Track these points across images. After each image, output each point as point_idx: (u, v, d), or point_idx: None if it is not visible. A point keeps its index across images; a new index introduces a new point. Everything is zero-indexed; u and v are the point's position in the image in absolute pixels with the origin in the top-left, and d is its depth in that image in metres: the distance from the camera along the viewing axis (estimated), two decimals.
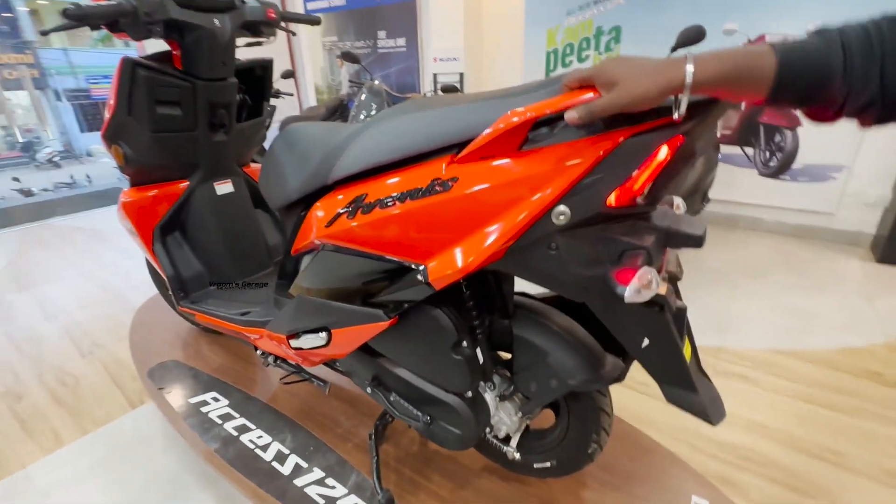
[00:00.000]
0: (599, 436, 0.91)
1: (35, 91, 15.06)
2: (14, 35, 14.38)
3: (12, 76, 14.55)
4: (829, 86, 0.49)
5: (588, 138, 0.61)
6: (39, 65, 15.24)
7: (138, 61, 1.11)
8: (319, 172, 0.85)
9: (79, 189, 8.30)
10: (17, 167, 13.26)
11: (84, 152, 15.73)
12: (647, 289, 0.59)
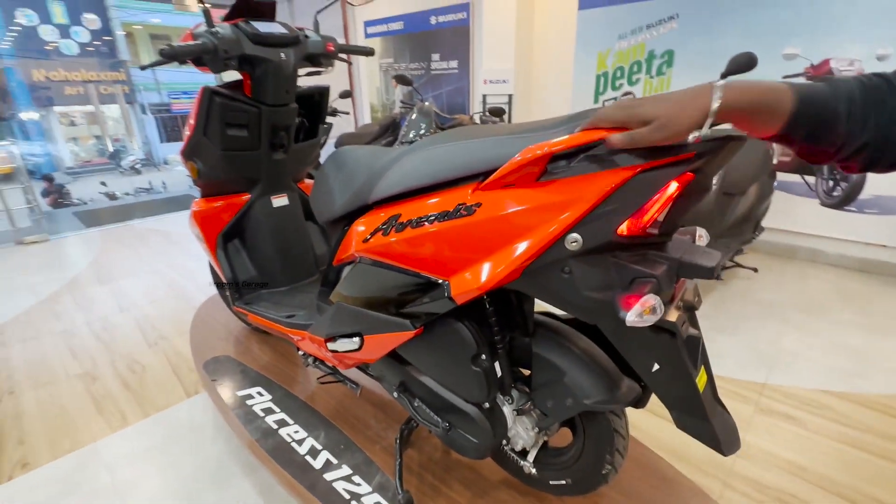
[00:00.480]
0: (613, 457, 0.93)
1: (125, 105, 16.68)
2: (111, 55, 16.09)
3: (107, 91, 16.21)
4: (835, 128, 0.54)
5: (601, 172, 0.67)
6: (130, 82, 16.89)
7: (215, 90, 1.28)
8: (362, 193, 0.95)
9: (155, 194, 9.11)
10: (104, 173, 14.69)
11: (162, 160, 17.16)
12: (650, 314, 0.63)
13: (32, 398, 1.98)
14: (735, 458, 1.58)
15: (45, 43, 14.74)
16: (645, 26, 3.61)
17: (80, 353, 2.32)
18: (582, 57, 4.03)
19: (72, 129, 16.73)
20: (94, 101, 16.03)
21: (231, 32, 1.21)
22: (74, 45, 15.42)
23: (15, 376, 2.14)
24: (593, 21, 3.88)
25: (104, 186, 9.47)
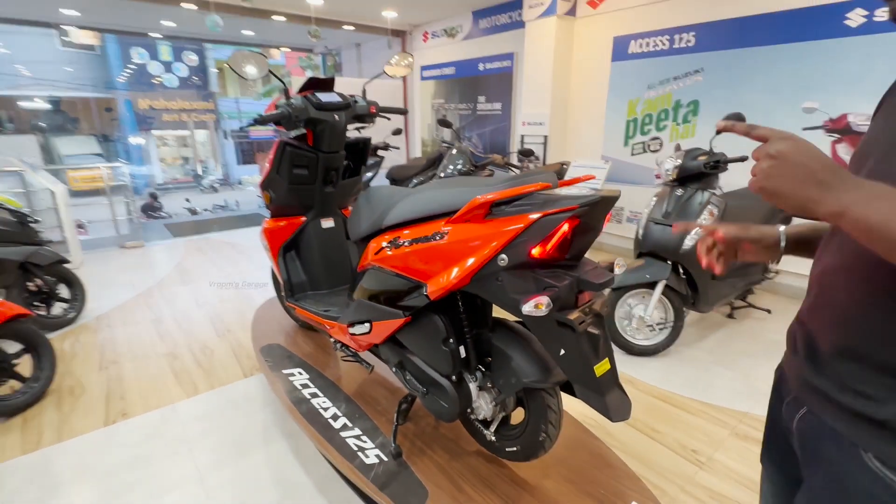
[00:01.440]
0: (548, 428, 1.23)
1: (213, 131, 18.70)
2: (204, 88, 18.22)
3: (197, 119, 18.29)
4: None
5: (522, 215, 1.02)
6: (217, 110, 18.94)
7: (287, 142, 1.75)
8: (378, 220, 1.35)
9: (229, 211, 10.21)
10: (187, 190, 16.44)
11: (237, 181, 18.91)
12: (540, 309, 0.96)
13: (130, 367, 2.52)
14: (697, 470, 1.78)
15: (151, 77, 16.99)
16: (672, 78, 3.88)
17: (166, 337, 2.88)
18: (614, 104, 4.34)
19: (164, 150, 18.91)
20: (189, 127, 18.12)
21: (301, 102, 1.69)
22: (175, 79, 17.64)
23: (118, 350, 2.71)
24: (625, 72, 4.20)
25: (188, 202, 10.72)
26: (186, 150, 18.87)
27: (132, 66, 16.44)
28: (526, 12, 4.57)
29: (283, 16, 5.56)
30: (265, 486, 1.69)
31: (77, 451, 1.87)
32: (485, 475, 1.38)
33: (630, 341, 2.61)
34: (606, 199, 0.99)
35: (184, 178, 18.71)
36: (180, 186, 17.75)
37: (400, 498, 1.29)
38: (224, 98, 19.47)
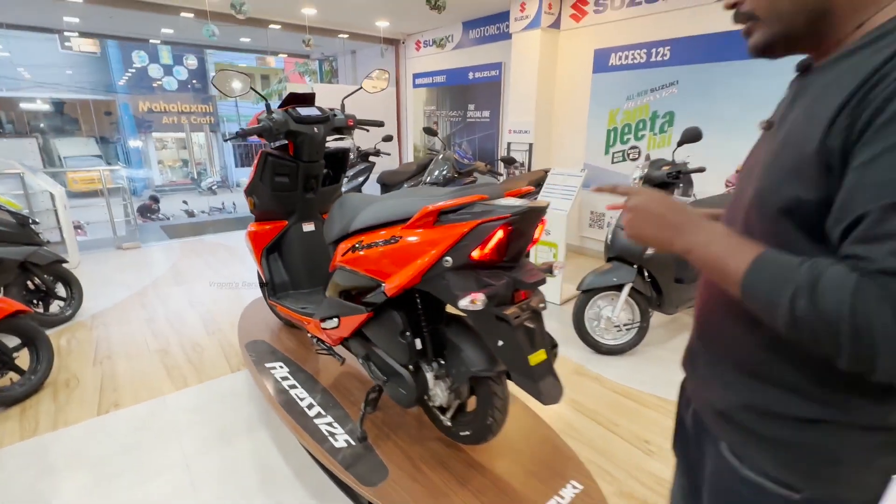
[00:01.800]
0: (494, 412, 1.37)
1: (210, 133, 18.87)
2: (203, 91, 18.41)
3: (196, 122, 18.45)
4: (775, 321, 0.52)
5: (463, 223, 1.17)
6: (216, 113, 19.11)
7: (269, 152, 1.90)
8: (347, 225, 1.50)
9: (226, 214, 10.35)
10: (186, 192, 16.58)
11: (235, 183, 19.07)
12: (474, 304, 1.10)
13: (124, 363, 2.65)
14: (647, 458, 1.92)
15: (151, 80, 17.17)
16: (649, 90, 4.05)
17: (159, 335, 3.01)
18: (595, 113, 4.50)
19: (163, 152, 19.07)
20: (188, 130, 18.28)
21: (282, 116, 1.84)
22: (175, 81, 17.83)
23: (112, 347, 2.85)
24: (606, 83, 4.37)
25: (185, 204, 10.87)
26: (185, 152, 19.05)
27: (132, 69, 16.60)
28: (512, 24, 4.73)
29: (279, 24, 5.73)
30: (247, 472, 1.82)
31: (71, 439, 2.01)
32: (442, 457, 1.52)
33: (599, 341, 2.75)
34: (535, 210, 1.14)
35: (182, 180, 18.87)
36: (178, 188, 17.92)
37: (363, 477, 1.43)
38: (223, 101, 19.69)
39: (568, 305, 3.46)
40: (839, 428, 0.57)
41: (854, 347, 0.46)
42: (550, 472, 1.45)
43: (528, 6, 4.53)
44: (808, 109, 0.55)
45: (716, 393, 0.68)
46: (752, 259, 0.53)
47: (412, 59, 6.77)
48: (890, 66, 0.47)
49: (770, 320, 0.53)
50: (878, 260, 0.45)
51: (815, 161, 0.51)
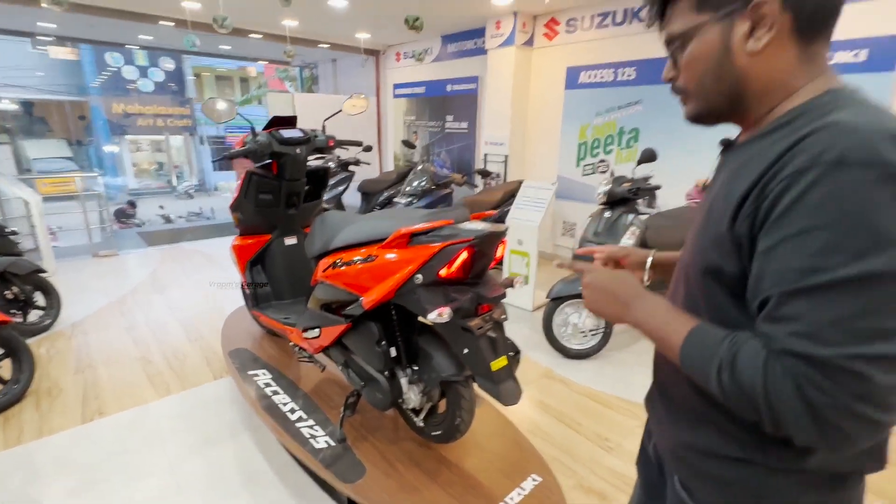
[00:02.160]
0: (462, 413, 1.52)
1: (188, 136, 18.59)
2: (181, 94, 18.14)
3: (172, 124, 18.17)
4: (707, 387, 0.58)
5: (431, 245, 1.31)
6: (193, 116, 18.84)
7: (254, 171, 2.02)
8: (327, 243, 1.63)
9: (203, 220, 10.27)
10: (162, 196, 16.30)
11: (213, 187, 18.81)
12: (440, 317, 1.25)
13: (105, 371, 2.71)
14: (606, 454, 2.09)
15: (126, 82, 16.85)
16: (617, 107, 4.28)
17: (140, 343, 3.06)
18: (567, 128, 4.72)
19: (138, 155, 18.69)
20: (165, 132, 17.99)
21: (266, 139, 1.96)
22: (151, 83, 17.52)
23: (92, 355, 2.89)
24: (577, 99, 4.59)
25: (162, 209, 10.73)
26: (161, 155, 18.72)
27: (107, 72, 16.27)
28: (488, 41, 4.92)
29: (260, 34, 5.80)
30: (231, 474, 1.92)
31: (56, 446, 2.07)
32: (415, 455, 1.66)
33: (566, 346, 2.93)
34: (495, 234, 1.29)
35: (158, 183, 18.53)
36: (155, 192, 17.58)
37: (341, 475, 1.55)
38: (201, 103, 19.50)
39: (539, 311, 3.64)
40: (763, 468, 0.62)
41: (769, 416, 0.52)
42: (513, 467, 1.60)
43: (503, 24, 4.72)
44: (724, 187, 0.62)
45: (669, 434, 0.75)
46: (685, 335, 0.60)
47: (392, 69, 6.91)
48: (784, 161, 0.52)
49: (706, 388, 0.59)
50: (780, 340, 0.51)
51: (728, 239, 0.58)
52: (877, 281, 0.47)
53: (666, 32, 0.67)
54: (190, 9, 4.62)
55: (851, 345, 0.47)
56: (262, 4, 4.55)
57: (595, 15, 4.29)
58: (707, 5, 0.60)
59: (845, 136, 0.49)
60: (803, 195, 0.49)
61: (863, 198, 0.47)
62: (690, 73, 0.65)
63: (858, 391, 0.47)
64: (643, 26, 3.75)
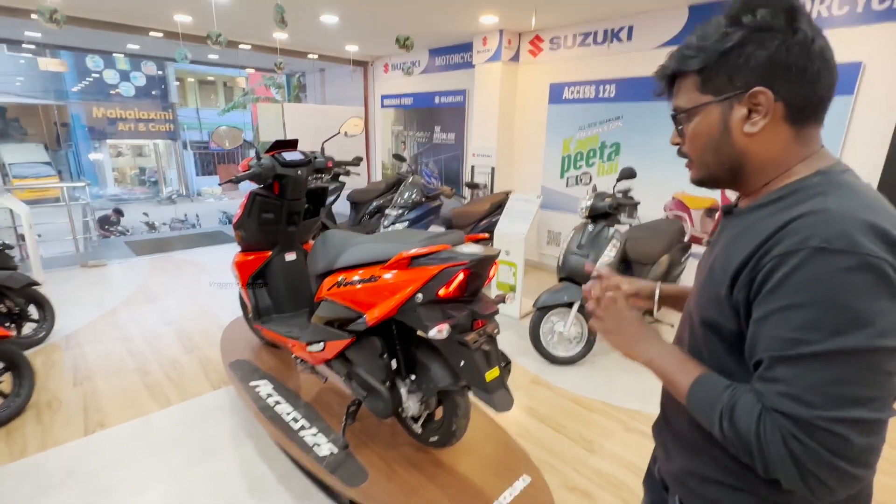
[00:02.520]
0: (458, 420, 1.65)
1: (169, 141, 18.38)
2: (164, 98, 17.96)
3: (155, 129, 17.95)
4: (710, 429, 0.65)
5: (432, 266, 1.44)
6: (176, 120, 18.65)
7: (257, 192, 2.12)
8: (331, 262, 1.75)
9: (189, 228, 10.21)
10: (144, 202, 16.09)
11: (196, 192, 18.62)
12: (440, 333, 1.37)
13: (104, 383, 2.76)
14: (589, 455, 2.24)
15: (108, 86, 16.61)
16: (598, 122, 4.48)
17: (136, 354, 3.12)
18: (551, 141, 4.91)
19: (120, 160, 18.40)
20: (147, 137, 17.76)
21: (269, 162, 2.07)
22: (132, 88, 17.30)
23: (90, 367, 2.93)
24: (560, 114, 4.78)
25: (146, 216, 10.63)
26: (143, 160, 18.47)
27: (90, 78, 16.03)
28: (475, 56, 5.09)
29: (249, 45, 5.87)
30: (235, 482, 2.01)
31: (61, 458, 2.12)
32: (413, 459, 1.78)
33: (552, 353, 3.08)
34: (489, 257, 1.43)
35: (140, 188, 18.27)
36: (137, 196, 17.34)
37: (346, 479, 1.67)
38: (184, 108, 19.25)
39: (526, 319, 3.79)
40: (755, 497, 0.69)
41: (761, 461, 0.59)
42: (505, 469, 1.73)
43: (489, 40, 4.90)
44: (725, 250, 0.68)
45: (673, 459, 0.83)
46: (692, 381, 0.67)
47: (380, 80, 7.03)
48: (776, 239, 0.59)
49: (709, 429, 0.66)
50: (770, 399, 0.58)
51: (727, 302, 0.65)
52: (850, 356, 0.54)
53: (673, 105, 0.74)
54: (181, 22, 4.67)
55: (830, 409, 0.54)
56: (254, 18, 4.64)
57: (577, 34, 4.49)
58: (710, 88, 0.67)
59: (828, 225, 0.56)
60: (790, 275, 0.56)
61: (840, 282, 0.54)
62: (694, 144, 0.72)
63: (836, 449, 0.54)
64: (623, 47, 3.94)
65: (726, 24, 0.66)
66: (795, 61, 0.63)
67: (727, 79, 0.65)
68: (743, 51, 0.64)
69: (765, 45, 0.63)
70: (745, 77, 0.64)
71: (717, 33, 0.66)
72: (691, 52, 0.68)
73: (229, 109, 14.07)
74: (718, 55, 0.65)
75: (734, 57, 0.64)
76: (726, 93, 0.66)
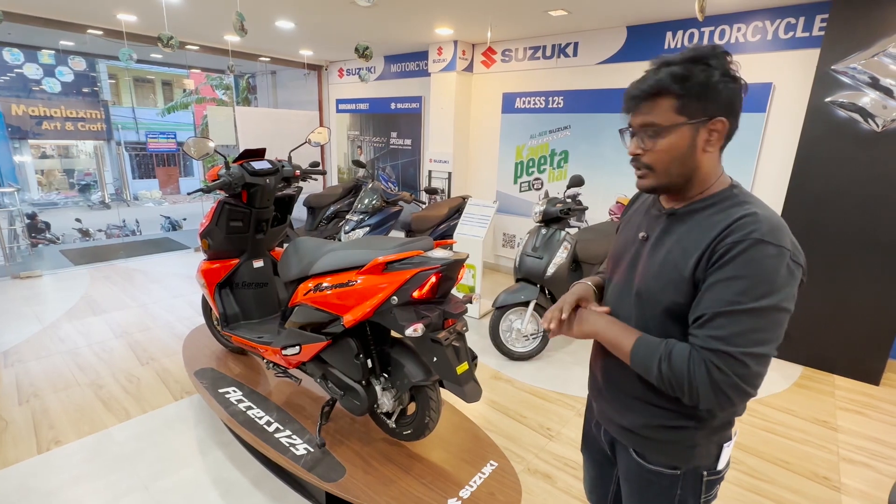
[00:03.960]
0: (430, 413, 1.77)
1: (99, 141, 17.17)
2: (93, 95, 16.76)
3: (84, 128, 16.71)
4: (650, 376, 0.86)
5: (406, 271, 1.56)
6: (108, 120, 17.45)
7: (226, 201, 2.14)
8: (306, 268, 1.82)
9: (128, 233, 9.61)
10: (75, 207, 14.93)
11: (133, 196, 17.51)
12: (416, 333, 1.49)
13: (54, 399, 2.64)
14: (548, 441, 2.43)
15: (28, 81, 15.28)
16: (548, 131, 4.76)
17: (86, 368, 2.99)
18: (505, 148, 5.14)
19: (42, 161, 16.97)
20: (73, 137, 16.47)
21: (238, 171, 2.10)
22: (58, 84, 16.01)
23: (36, 384, 2.79)
24: (513, 122, 5.02)
25: (79, 223, 9.91)
26: (70, 161, 17.13)
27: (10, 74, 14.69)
28: (431, 65, 5.24)
29: (198, 46, 5.70)
30: (207, 488, 2.02)
31: (15, 477, 2.04)
32: (388, 453, 1.88)
33: (511, 349, 3.27)
34: (458, 261, 1.57)
35: (68, 192, 16.91)
36: (66, 201, 16.04)
37: (324, 476, 1.74)
38: (118, 107, 18.06)
39: (485, 319, 3.97)
40: (691, 429, 0.92)
41: (689, 391, 0.80)
42: (474, 456, 1.87)
43: (444, 51, 5.06)
44: (678, 245, 0.87)
45: (621, 416, 1.01)
46: (633, 341, 0.88)
47: (335, 84, 7.02)
48: (727, 232, 0.80)
49: (648, 377, 0.87)
50: (704, 340, 0.79)
51: (689, 281, 0.84)
52: (764, 312, 0.77)
53: (644, 120, 0.88)
54: (126, 21, 4.49)
55: (746, 346, 0.77)
56: (205, 20, 4.53)
57: (527, 48, 4.75)
58: (685, 112, 0.83)
59: (763, 224, 0.79)
60: (737, 256, 0.78)
61: (768, 264, 0.77)
62: (663, 156, 0.87)
63: (742, 374, 0.77)
64: (569, 61, 4.22)
65: (700, 63, 0.82)
66: (737, 102, 0.84)
67: (702, 107, 0.82)
68: (717, 88, 0.81)
69: (728, 87, 0.82)
70: (713, 109, 0.82)
71: (700, 69, 0.82)
72: (679, 76, 0.82)
73: (171, 110, 13.36)
74: (699, 86, 0.81)
75: (710, 91, 0.81)
76: (698, 118, 0.83)
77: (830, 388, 3.11)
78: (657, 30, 3.95)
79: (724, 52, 0.83)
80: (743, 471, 2.26)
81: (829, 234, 3.14)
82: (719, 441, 0.95)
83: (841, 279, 3.14)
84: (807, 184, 3.19)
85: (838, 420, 2.73)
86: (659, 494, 0.98)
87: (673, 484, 0.96)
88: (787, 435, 2.57)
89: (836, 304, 3.18)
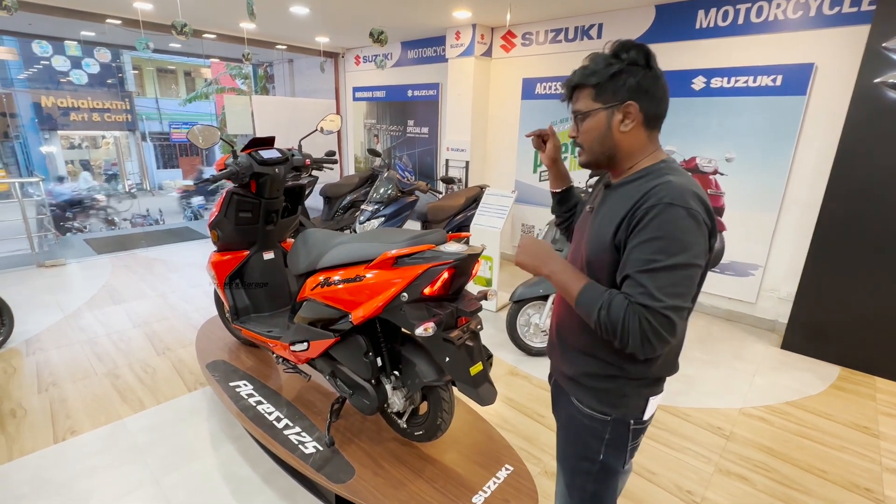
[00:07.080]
0: (443, 414, 1.69)
1: (126, 132, 17.53)
2: (119, 86, 17.07)
3: (111, 119, 17.07)
4: (590, 321, 0.95)
5: (417, 266, 1.47)
6: (133, 110, 17.79)
7: (234, 191, 2.08)
8: (314, 262, 1.74)
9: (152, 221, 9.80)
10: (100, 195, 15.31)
11: (157, 186, 17.88)
12: (428, 332, 1.41)
13: (72, 388, 2.66)
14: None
15: (57, 73, 15.64)
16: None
17: (104, 357, 3.01)
18: (524, 136, 4.97)
19: (71, 152, 17.43)
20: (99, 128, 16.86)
21: (246, 160, 2.04)
22: (84, 75, 16.36)
23: (56, 372, 2.82)
24: (533, 109, 4.85)
25: (104, 212, 10.15)
26: (98, 152, 17.55)
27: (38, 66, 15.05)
28: (448, 51, 5.09)
29: (215, 35, 5.67)
30: (217, 483, 2.00)
31: (32, 467, 2.05)
32: (399, 454, 1.81)
33: (529, 344, 3.16)
34: (472, 256, 1.47)
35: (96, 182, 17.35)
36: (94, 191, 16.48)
37: (333, 476, 1.69)
38: (143, 98, 18.36)
39: (503, 312, 3.87)
40: (624, 379, 1.04)
41: (621, 337, 0.89)
42: (488, 459, 1.79)
43: (462, 35, 4.90)
44: (607, 213, 1.00)
45: (567, 366, 1.14)
46: (582, 286, 0.97)
47: (352, 72, 6.92)
48: (643, 199, 0.91)
49: (588, 321, 0.96)
50: (635, 297, 0.88)
51: (611, 245, 0.97)
52: (679, 268, 0.87)
53: (573, 108, 1.04)
54: (142, 9, 4.47)
55: (667, 300, 0.86)
56: (220, 7, 4.48)
57: (549, 30, 4.56)
58: (601, 98, 0.97)
59: (673, 189, 0.89)
60: (652, 220, 0.89)
61: (678, 224, 0.88)
62: (587, 137, 1.02)
63: (664, 325, 0.86)
64: (593, 44, 4.04)
65: (610, 57, 0.96)
66: (650, 87, 0.95)
67: (612, 93, 0.96)
68: (622, 76, 0.94)
69: (634, 75, 0.94)
70: (623, 94, 0.95)
71: (605, 63, 0.95)
72: (590, 72, 0.97)
73: (191, 100, 13.50)
74: (608, 77, 0.95)
75: (617, 80, 0.95)
76: (611, 103, 0.96)
77: (871, 390, 2.92)
78: (688, 8, 3.72)
79: (637, 45, 0.95)
80: (775, 479, 2.13)
81: (874, 227, 2.92)
82: (648, 394, 1.07)
83: (884, 275, 2.93)
84: (851, 172, 2.96)
85: (880, 426, 2.56)
86: (591, 437, 1.11)
87: (603, 428, 1.09)
88: (824, 441, 2.41)
89: (878, 301, 2.97)
